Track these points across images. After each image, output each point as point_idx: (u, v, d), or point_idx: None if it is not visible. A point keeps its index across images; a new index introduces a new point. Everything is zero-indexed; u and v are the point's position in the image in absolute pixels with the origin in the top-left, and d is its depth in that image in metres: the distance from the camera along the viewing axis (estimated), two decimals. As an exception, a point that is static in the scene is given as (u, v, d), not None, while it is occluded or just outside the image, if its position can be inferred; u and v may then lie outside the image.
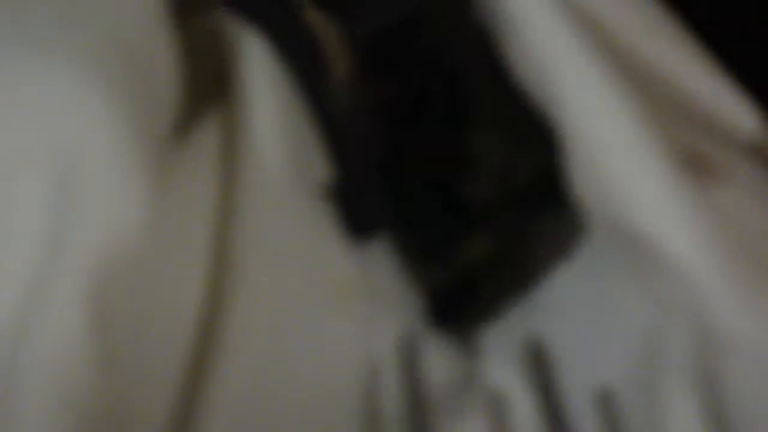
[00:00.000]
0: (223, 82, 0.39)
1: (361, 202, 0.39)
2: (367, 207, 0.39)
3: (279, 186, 0.37)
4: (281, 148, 0.37)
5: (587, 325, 0.38)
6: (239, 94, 0.38)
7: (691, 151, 0.36)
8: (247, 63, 0.38)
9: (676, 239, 0.34)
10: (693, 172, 0.35)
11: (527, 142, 0.38)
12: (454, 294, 0.40)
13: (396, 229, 0.40)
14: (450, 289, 0.40)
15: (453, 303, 0.40)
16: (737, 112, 0.40)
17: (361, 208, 0.39)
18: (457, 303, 0.40)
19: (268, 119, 0.37)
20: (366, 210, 0.39)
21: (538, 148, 0.37)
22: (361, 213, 0.39)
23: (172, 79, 0.34)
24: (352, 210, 0.38)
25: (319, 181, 0.38)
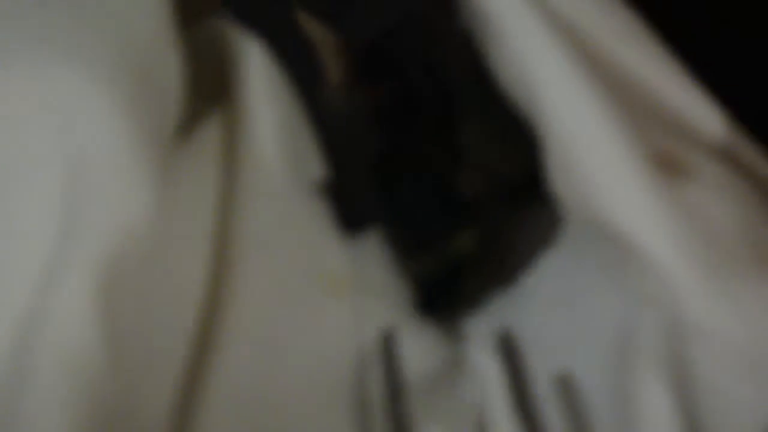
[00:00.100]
0: (224, 85, 0.39)
1: (353, 199, 0.39)
2: (359, 204, 0.39)
3: (276, 184, 0.37)
4: (279, 148, 0.38)
5: (563, 314, 0.39)
6: (239, 96, 0.38)
7: (661, 152, 0.37)
8: (246, 67, 0.38)
9: (648, 234, 0.34)
10: (664, 171, 0.36)
11: (512, 140, 0.38)
12: (439, 285, 0.41)
13: (387, 224, 0.41)
14: (436, 280, 0.41)
15: (438, 293, 0.41)
16: (705, 116, 0.40)
17: (353, 205, 0.39)
18: (443, 293, 0.41)
19: (266, 121, 0.38)
20: (358, 207, 0.39)
21: (522, 146, 0.38)
22: (353, 209, 0.39)
23: (177, 83, 0.35)
24: (345, 206, 0.39)
25: (314, 179, 0.39)
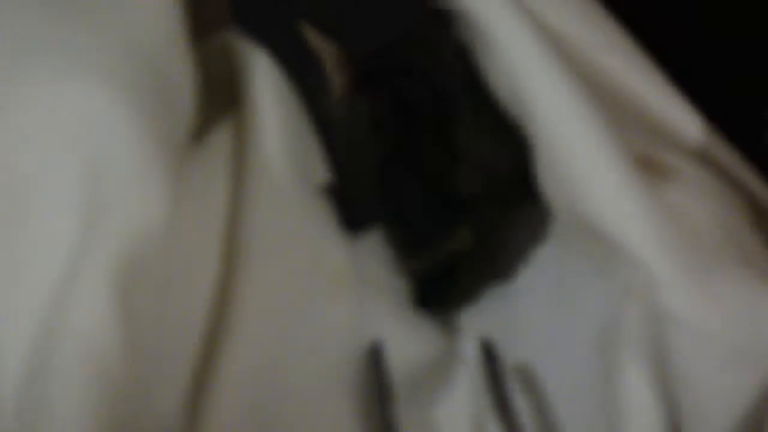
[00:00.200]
0: (234, 93, 0.40)
1: (355, 201, 0.40)
2: (361, 205, 0.40)
3: (283, 186, 0.38)
4: (285, 153, 0.38)
5: (551, 306, 0.40)
6: (248, 104, 0.39)
7: (644, 155, 0.38)
8: (255, 77, 0.39)
9: (631, 231, 0.35)
10: (646, 173, 0.37)
11: (505, 141, 0.39)
12: (436, 281, 0.42)
13: (387, 224, 0.42)
14: (433, 276, 0.42)
15: (435, 289, 0.42)
16: (684, 121, 0.42)
17: (355, 206, 0.40)
18: (439, 289, 0.42)
19: (273, 127, 0.38)
20: (359, 208, 0.40)
21: (514, 147, 0.39)
22: (355, 210, 0.40)
23: (190, 92, 0.36)
24: (347, 208, 0.40)
25: (319, 182, 0.40)
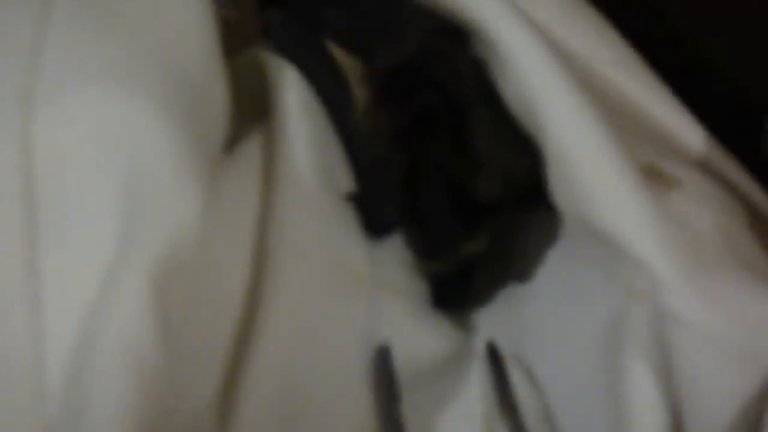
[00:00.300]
0: (264, 106, 0.41)
1: (378, 208, 0.41)
2: (383, 212, 0.41)
3: (310, 194, 0.39)
4: (313, 163, 0.39)
5: (561, 306, 0.41)
6: (278, 117, 0.40)
7: (648, 165, 0.39)
8: (285, 91, 0.40)
9: (637, 236, 0.36)
10: (651, 182, 0.37)
11: (520, 149, 0.40)
12: (453, 283, 0.43)
13: (408, 229, 0.43)
14: (450, 278, 0.43)
15: (452, 290, 0.43)
16: (687, 132, 0.43)
17: (377, 213, 0.41)
18: (456, 290, 0.43)
19: (302, 139, 0.40)
20: (381, 214, 0.41)
21: (529, 156, 0.40)
22: (377, 217, 0.41)
23: (224, 105, 0.37)
24: (370, 214, 0.41)
25: (344, 190, 0.41)
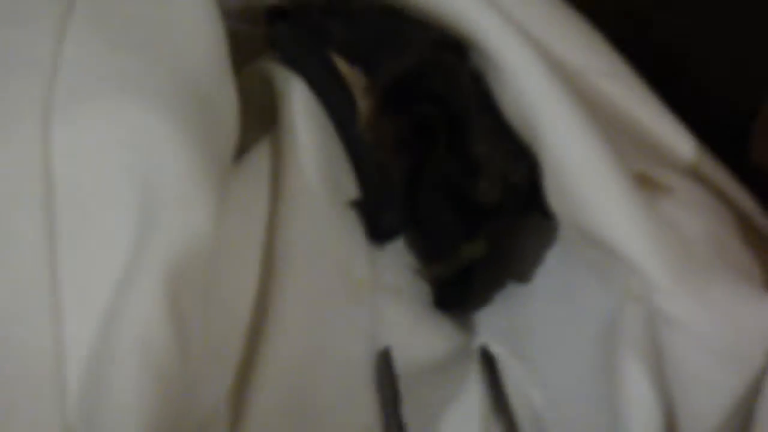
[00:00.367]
0: (272, 116, 0.42)
1: (381, 214, 0.42)
2: (386, 218, 0.42)
3: (316, 201, 0.40)
4: (319, 171, 0.40)
5: (558, 307, 0.42)
6: (286, 126, 0.41)
7: (640, 173, 0.40)
8: (292, 101, 0.41)
9: (631, 241, 0.36)
10: (643, 189, 0.38)
11: (518, 157, 0.41)
12: (454, 285, 0.45)
13: (410, 234, 0.44)
14: (451, 281, 0.44)
15: (453, 292, 0.45)
16: (678, 141, 0.43)
17: (381, 219, 0.42)
18: (457, 292, 0.44)
19: (309, 147, 0.40)
20: (385, 220, 0.42)
21: (526, 162, 0.40)
22: (381, 223, 0.42)
23: (234, 115, 0.38)
24: (374, 220, 0.42)
25: (349, 197, 0.42)
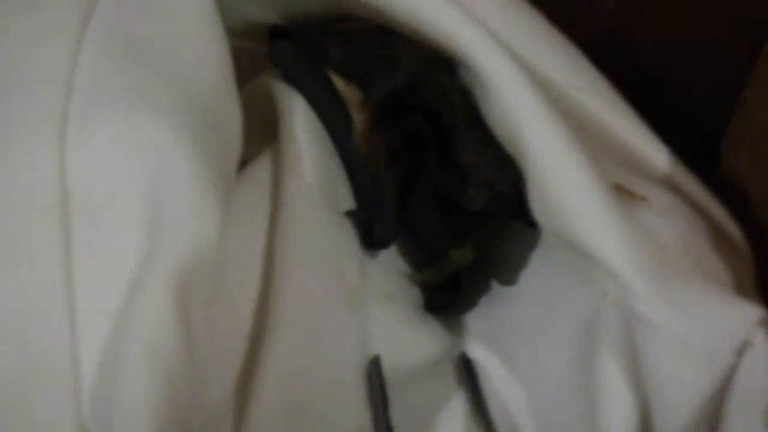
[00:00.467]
0: (273, 129, 0.43)
1: (375, 224, 0.43)
2: (379, 229, 0.43)
3: (314, 212, 0.41)
4: (317, 183, 0.41)
5: (540, 309, 0.43)
6: (286, 140, 0.42)
7: (617, 184, 0.40)
8: (292, 116, 0.42)
9: (609, 248, 0.37)
10: (620, 199, 0.39)
11: (504, 167, 0.41)
12: (444, 289, 0.46)
13: (402, 241, 0.46)
14: (441, 285, 0.46)
15: (443, 296, 0.46)
16: (653, 153, 0.44)
17: (373, 229, 0.43)
18: (446, 295, 0.46)
19: (307, 160, 0.41)
20: (379, 230, 0.43)
21: (512, 172, 0.41)
22: (373, 232, 0.43)
23: (238, 129, 0.39)
24: (367, 230, 0.44)
25: (345, 208, 0.43)
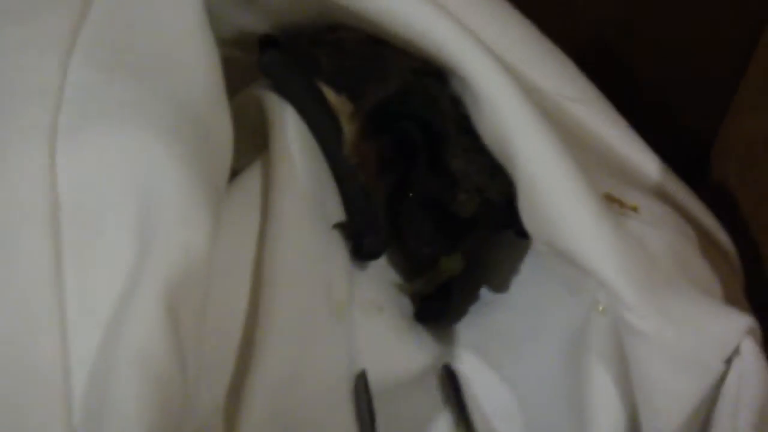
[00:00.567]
0: (264, 140, 0.43)
1: (365, 235, 0.44)
2: (370, 239, 0.44)
3: (302, 225, 0.41)
4: (306, 195, 0.41)
5: (532, 318, 0.44)
6: (276, 150, 0.42)
7: (608, 193, 0.40)
8: (283, 127, 0.43)
9: (599, 258, 0.37)
10: (611, 209, 0.39)
11: (494, 175, 0.41)
12: (434, 299, 0.47)
13: (392, 252, 0.46)
14: (431, 295, 0.47)
15: (433, 306, 0.47)
16: (644, 162, 0.45)
17: (362, 242, 0.44)
18: (436, 306, 0.47)
19: (298, 173, 0.42)
20: (369, 241, 0.44)
21: (502, 180, 0.41)
22: (362, 245, 0.44)
23: (229, 140, 0.39)
24: (357, 243, 0.44)
25: (334, 219, 0.43)
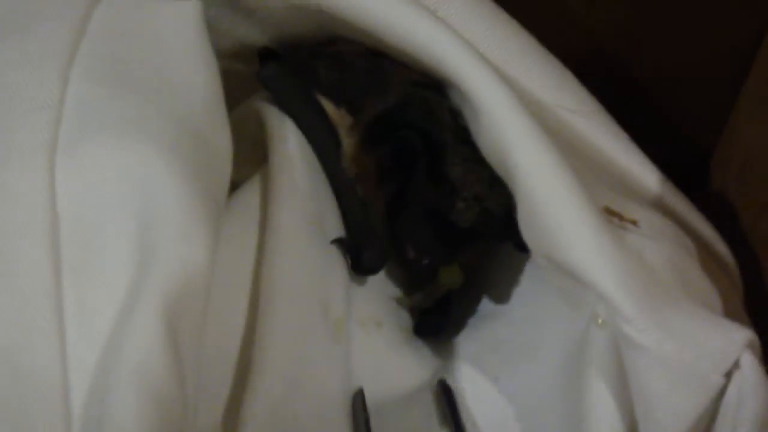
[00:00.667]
0: (263, 153, 0.43)
1: (362, 253, 0.44)
2: (366, 257, 0.44)
3: (301, 241, 0.41)
4: (306, 210, 0.41)
5: (531, 331, 0.44)
6: (275, 164, 0.42)
7: (608, 206, 0.40)
8: (282, 139, 0.43)
9: (598, 272, 0.37)
10: (610, 222, 0.39)
11: (493, 186, 0.41)
12: (433, 313, 0.47)
13: (392, 265, 0.46)
14: (430, 309, 0.47)
15: (432, 320, 0.47)
16: (644, 174, 0.44)
17: (361, 257, 0.44)
18: (435, 320, 0.47)
19: (297, 187, 0.42)
20: (368, 256, 0.44)
21: (501, 191, 0.41)
22: (361, 260, 0.44)
23: (228, 154, 0.39)
24: (356, 258, 0.44)
25: (333, 233, 0.43)
